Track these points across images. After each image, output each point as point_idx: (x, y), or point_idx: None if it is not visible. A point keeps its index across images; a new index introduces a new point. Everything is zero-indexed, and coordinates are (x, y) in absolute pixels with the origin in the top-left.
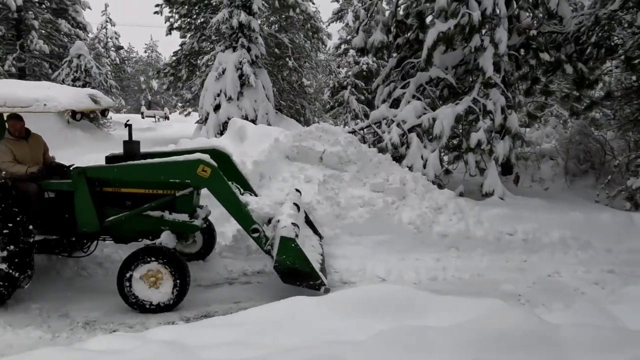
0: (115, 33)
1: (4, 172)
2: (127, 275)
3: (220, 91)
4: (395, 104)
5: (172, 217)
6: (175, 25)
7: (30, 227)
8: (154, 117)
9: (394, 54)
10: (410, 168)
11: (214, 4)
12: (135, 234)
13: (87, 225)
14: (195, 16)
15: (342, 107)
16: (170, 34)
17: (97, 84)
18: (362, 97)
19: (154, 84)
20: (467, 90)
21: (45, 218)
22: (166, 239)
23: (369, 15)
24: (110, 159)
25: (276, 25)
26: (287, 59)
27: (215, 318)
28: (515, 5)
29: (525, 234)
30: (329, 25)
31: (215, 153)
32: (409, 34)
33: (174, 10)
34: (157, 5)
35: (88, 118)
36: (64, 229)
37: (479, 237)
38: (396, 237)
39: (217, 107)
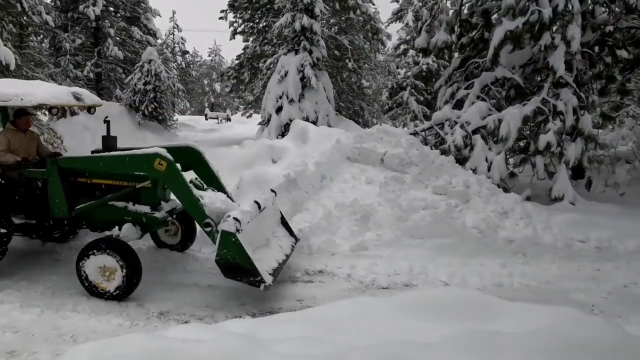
0: (182, 38)
1: None
2: (82, 263)
3: (283, 93)
4: (459, 105)
5: (135, 208)
6: (239, 29)
7: (10, 213)
8: (217, 118)
9: (456, 54)
10: (474, 170)
11: (276, 8)
12: (103, 222)
13: (57, 212)
14: (257, 20)
15: (401, 108)
16: (234, 38)
17: (166, 88)
18: (422, 98)
19: (217, 86)
20: (535, 90)
21: (26, 204)
22: (127, 230)
23: (431, 15)
24: (93, 152)
25: (336, 27)
26: (347, 61)
27: (285, 314)
28: (589, 1)
29: (599, 242)
30: (388, 25)
31: (187, 150)
32: (473, 33)
33: (238, 15)
34: (222, 11)
35: (156, 120)
36: (41, 215)
37: (547, 244)
38: (459, 241)
39: (279, 109)
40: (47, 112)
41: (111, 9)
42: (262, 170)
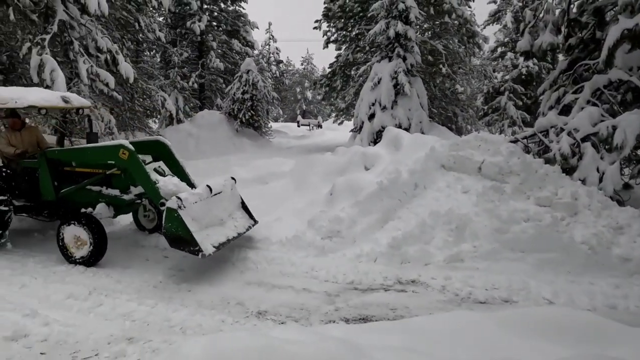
0: (277, 49)
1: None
2: (61, 234)
3: (375, 100)
4: (565, 110)
5: (108, 192)
6: (332, 38)
7: (12, 197)
8: (308, 125)
9: (560, 56)
10: (583, 181)
11: (369, 15)
12: (83, 204)
13: (46, 195)
14: (350, 29)
15: (498, 114)
16: (327, 47)
17: (262, 96)
18: (521, 103)
19: (309, 94)
20: None
21: (24, 189)
22: (100, 209)
23: (535, 15)
24: None
25: (429, 32)
26: (441, 66)
27: (382, 322)
28: None
29: None
30: (484, 28)
31: (157, 143)
32: (583, 33)
33: (331, 25)
34: (316, 21)
35: (252, 127)
36: (35, 198)
37: None
38: (565, 256)
39: (371, 116)
40: (38, 113)
41: (214, 23)
42: (355, 177)
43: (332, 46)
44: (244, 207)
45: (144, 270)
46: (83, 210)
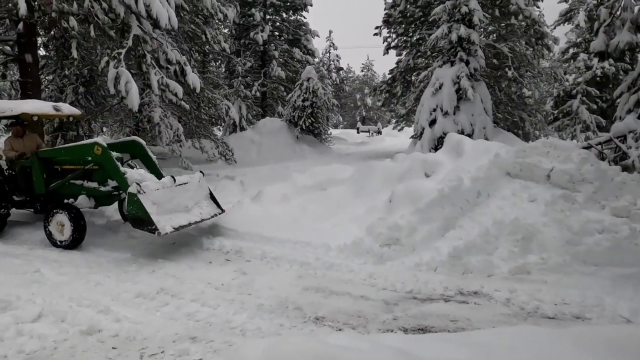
0: (337, 56)
1: (4, 157)
2: (47, 222)
3: (437, 106)
4: None
5: (88, 185)
6: (392, 44)
7: (12, 193)
8: (368, 132)
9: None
10: None
11: (430, 20)
12: (69, 196)
13: (38, 190)
14: (411, 34)
15: (569, 119)
16: (387, 53)
17: (322, 103)
18: (595, 107)
19: (368, 100)
20: None
21: (22, 186)
22: (81, 200)
23: (611, 14)
24: None
25: (494, 35)
26: (506, 69)
27: (442, 334)
28: None
29: None
30: (554, 28)
31: (133, 143)
32: None
33: (392, 31)
34: (376, 28)
35: (312, 134)
36: (30, 193)
37: None
38: None
39: (432, 122)
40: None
41: (276, 33)
42: (415, 185)
43: (392, 52)
44: (212, 197)
45: (208, 273)
46: (66, 201)
